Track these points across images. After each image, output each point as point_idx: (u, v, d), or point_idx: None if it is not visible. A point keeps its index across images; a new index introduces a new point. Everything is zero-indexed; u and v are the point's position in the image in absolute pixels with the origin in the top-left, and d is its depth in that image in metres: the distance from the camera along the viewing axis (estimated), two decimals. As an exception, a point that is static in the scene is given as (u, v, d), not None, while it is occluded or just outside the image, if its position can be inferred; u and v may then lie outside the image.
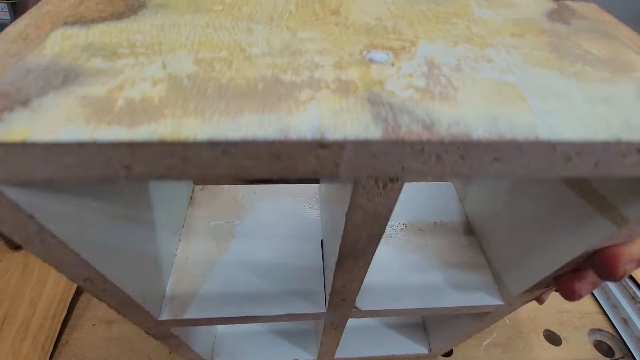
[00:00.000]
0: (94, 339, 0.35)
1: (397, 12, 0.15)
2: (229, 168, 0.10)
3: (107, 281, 0.16)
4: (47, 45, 0.11)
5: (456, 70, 0.12)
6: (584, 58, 0.13)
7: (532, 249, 0.20)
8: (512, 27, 0.15)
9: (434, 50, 0.13)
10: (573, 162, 0.10)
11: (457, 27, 0.14)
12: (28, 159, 0.09)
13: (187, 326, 0.22)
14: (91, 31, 0.12)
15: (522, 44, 0.13)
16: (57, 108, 0.09)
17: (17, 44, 0.11)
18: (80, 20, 0.13)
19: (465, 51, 0.13)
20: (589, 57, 0.13)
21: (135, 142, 0.09)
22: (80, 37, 0.12)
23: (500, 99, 0.11)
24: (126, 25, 0.13)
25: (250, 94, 0.10)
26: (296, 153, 0.09)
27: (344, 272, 0.17)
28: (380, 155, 0.10)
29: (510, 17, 0.15)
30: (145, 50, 0.11)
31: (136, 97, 0.10)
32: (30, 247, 0.13)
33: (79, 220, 0.13)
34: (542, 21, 0.15)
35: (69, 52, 0.11)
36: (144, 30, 0.12)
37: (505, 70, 0.12)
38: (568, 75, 0.12)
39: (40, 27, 0.12)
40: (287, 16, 0.14)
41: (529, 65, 0.12)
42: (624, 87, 0.12)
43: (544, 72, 0.12)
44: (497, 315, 0.25)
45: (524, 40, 0.14)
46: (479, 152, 0.10)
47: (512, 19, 0.15)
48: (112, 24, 0.13)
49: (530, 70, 0.12)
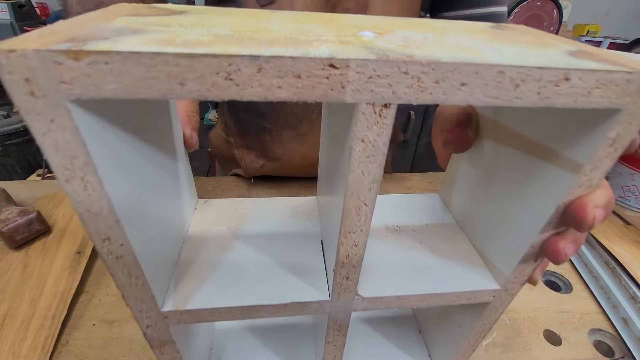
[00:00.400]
0: (94, 339, 0.34)
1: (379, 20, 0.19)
2: (261, 87, 0.12)
3: (125, 244, 0.17)
4: (116, 22, 0.15)
5: (425, 40, 0.16)
6: (518, 40, 0.18)
7: (512, 224, 0.22)
8: (465, 29, 0.19)
9: (408, 33, 0.17)
10: (520, 88, 0.14)
11: (423, 27, 0.19)
12: (104, 73, 0.12)
13: (188, 323, 0.22)
14: (147, 18, 0.16)
15: (472, 34, 0.18)
16: (131, 40, 0.12)
17: (91, 21, 0.15)
18: (137, 15, 0.17)
19: (431, 35, 0.17)
20: (522, 40, 0.18)
21: (194, 54, 0.11)
22: (139, 20, 0.16)
23: (460, 50, 0.14)
24: (174, 18, 0.17)
25: (275, 41, 0.13)
26: (313, 71, 0.12)
27: (348, 232, 0.18)
28: (375, 78, 0.13)
29: (463, 27, 0.20)
30: (191, 26, 0.15)
31: (190, 39, 0.13)
32: (69, 188, 0.14)
33: (119, 159, 0.15)
34: (486, 29, 0.20)
35: (134, 24, 0.15)
36: (187, 20, 0.16)
37: (461, 42, 0.16)
38: (508, 44, 0.16)
39: (107, 17, 0.16)
40: (296, 18, 0.18)
41: (478, 41, 0.17)
42: (548, 50, 0.16)
43: (490, 44, 0.16)
44: (496, 308, 0.25)
45: (473, 33, 0.18)
46: (448, 77, 0.13)
47: (464, 27, 0.20)
48: (163, 17, 0.17)
49: (480, 43, 0.16)
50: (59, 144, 0.13)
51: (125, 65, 0.11)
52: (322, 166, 0.27)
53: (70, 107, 0.12)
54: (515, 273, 0.23)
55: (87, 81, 0.12)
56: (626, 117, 0.15)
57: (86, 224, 0.16)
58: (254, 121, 0.53)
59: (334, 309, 0.23)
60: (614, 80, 0.14)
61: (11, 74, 0.11)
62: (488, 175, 0.25)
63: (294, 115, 0.52)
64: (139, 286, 0.19)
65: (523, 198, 0.21)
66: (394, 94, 0.13)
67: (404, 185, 0.61)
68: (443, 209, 0.31)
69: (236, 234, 0.27)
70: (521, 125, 0.21)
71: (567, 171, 0.18)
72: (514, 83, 0.14)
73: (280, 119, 0.52)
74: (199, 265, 0.24)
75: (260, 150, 0.56)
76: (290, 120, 0.52)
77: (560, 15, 1.31)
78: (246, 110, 0.53)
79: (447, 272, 0.25)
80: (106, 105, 0.14)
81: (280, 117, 0.52)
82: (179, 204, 0.26)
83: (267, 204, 0.31)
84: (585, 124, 0.17)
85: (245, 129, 0.55)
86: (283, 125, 0.53)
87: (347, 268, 0.21)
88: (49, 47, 0.11)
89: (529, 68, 0.13)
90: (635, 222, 0.53)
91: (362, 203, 0.17)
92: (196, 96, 0.12)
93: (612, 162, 0.17)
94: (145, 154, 0.18)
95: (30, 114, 0.12)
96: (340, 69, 0.12)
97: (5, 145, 1.29)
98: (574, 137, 0.17)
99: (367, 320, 0.37)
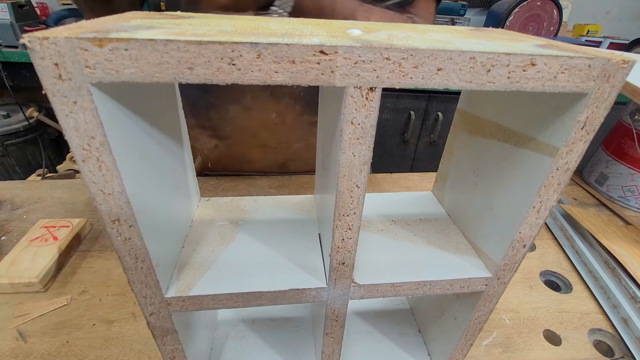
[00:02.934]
0: (94, 339, 0.34)
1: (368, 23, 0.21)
2: (260, 72, 0.14)
3: (133, 225, 0.18)
4: (132, 21, 0.17)
5: (407, 36, 0.18)
6: (494, 37, 0.19)
7: (498, 212, 0.23)
8: (446, 30, 0.21)
9: (393, 32, 0.19)
10: (492, 73, 0.15)
11: (407, 28, 0.21)
12: (123, 59, 0.13)
13: (191, 310, 0.23)
14: (160, 20, 0.18)
15: (452, 33, 0.20)
16: (147, 32, 0.14)
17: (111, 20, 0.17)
18: (151, 17, 0.19)
19: (413, 33, 0.19)
20: (497, 37, 0.20)
21: (202, 42, 0.13)
22: (153, 20, 0.17)
23: (437, 42, 0.16)
24: (183, 20, 0.19)
25: (273, 34, 0.15)
26: (306, 57, 0.14)
27: (342, 215, 0.20)
28: (361, 63, 0.14)
29: (444, 28, 0.22)
30: (199, 25, 0.17)
31: (199, 32, 0.15)
32: (85, 168, 0.16)
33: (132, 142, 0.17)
34: (466, 30, 0.22)
35: (149, 22, 0.17)
36: (195, 21, 0.18)
37: (439, 37, 0.18)
38: (483, 40, 0.18)
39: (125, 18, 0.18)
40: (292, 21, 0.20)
41: (456, 37, 0.18)
42: (519, 43, 0.18)
43: (466, 39, 0.18)
44: (490, 298, 0.26)
45: (453, 32, 0.20)
46: (426, 62, 0.15)
47: (446, 29, 0.22)
48: (174, 19, 0.19)
49: (457, 38, 0.18)
50: (80, 124, 0.14)
51: (142, 51, 0.13)
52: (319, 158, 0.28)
53: (92, 90, 0.14)
54: (505, 260, 0.24)
55: (108, 66, 0.13)
56: (593, 101, 0.17)
57: (99, 204, 0.17)
58: (202, 97, 0.56)
59: (331, 296, 0.24)
60: (577, 65, 0.16)
61: (43, 59, 0.13)
62: (475, 169, 0.26)
63: (236, 89, 0.54)
64: (144, 270, 0.20)
65: (507, 186, 0.23)
66: (378, 78, 0.15)
67: (404, 185, 0.62)
68: (436, 205, 0.32)
69: (237, 227, 0.28)
70: (501, 117, 0.23)
71: (545, 155, 0.19)
72: (485, 68, 0.15)
73: (223, 92, 0.55)
74: (201, 256, 0.25)
75: (212, 130, 0.59)
76: (233, 95, 0.55)
77: (560, 15, 1.33)
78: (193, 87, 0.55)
79: (440, 262, 0.26)
80: (122, 90, 0.16)
81: (224, 90, 0.54)
82: (186, 194, 0.27)
83: (267, 201, 0.32)
84: (557, 110, 0.18)
85: (196, 107, 0.58)
86: (227, 99, 0.56)
87: (342, 253, 0.22)
88: (78, 35, 0.13)
89: (497, 54, 0.15)
90: (635, 222, 0.54)
91: (354, 185, 0.18)
92: (203, 80, 0.14)
93: (585, 145, 0.18)
94: (155, 139, 0.20)
95: (57, 96, 0.14)
96: (329, 54, 0.14)
97: (5, 145, 1.29)
98: (549, 122, 0.19)
99: (368, 321, 0.38)
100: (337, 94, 0.17)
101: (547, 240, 0.52)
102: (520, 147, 0.21)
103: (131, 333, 0.35)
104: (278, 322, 0.37)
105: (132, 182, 0.17)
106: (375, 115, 0.16)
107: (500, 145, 0.23)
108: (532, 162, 0.20)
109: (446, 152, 0.32)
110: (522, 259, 0.24)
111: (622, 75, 0.16)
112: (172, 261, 0.24)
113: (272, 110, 0.58)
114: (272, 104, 0.57)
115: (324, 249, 0.26)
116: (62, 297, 0.38)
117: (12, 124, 1.32)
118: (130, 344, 0.34)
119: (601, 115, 0.17)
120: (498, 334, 0.37)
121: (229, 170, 0.65)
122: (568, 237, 0.51)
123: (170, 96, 0.24)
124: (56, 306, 0.37)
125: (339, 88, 0.16)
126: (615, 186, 0.60)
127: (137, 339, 0.34)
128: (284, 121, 0.59)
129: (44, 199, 0.54)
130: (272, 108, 0.58)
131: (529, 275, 0.45)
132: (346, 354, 0.34)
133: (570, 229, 0.52)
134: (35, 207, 0.52)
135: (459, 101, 0.29)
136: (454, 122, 0.30)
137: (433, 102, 1.27)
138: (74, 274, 0.41)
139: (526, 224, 0.21)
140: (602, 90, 0.17)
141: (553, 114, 0.19)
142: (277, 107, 0.58)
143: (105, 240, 0.47)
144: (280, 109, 0.58)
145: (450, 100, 1.27)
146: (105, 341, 0.34)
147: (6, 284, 0.38)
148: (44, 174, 0.70)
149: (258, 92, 0.55)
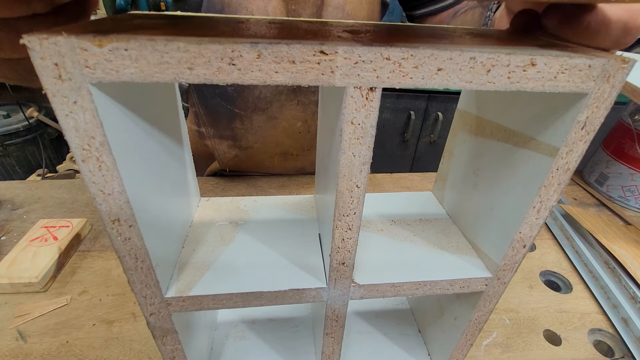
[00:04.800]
0: (94, 339, 0.34)
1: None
2: (260, 72, 0.14)
3: (133, 225, 0.18)
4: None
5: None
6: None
7: (499, 212, 0.23)
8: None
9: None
10: (492, 73, 0.15)
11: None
12: (123, 59, 0.13)
13: (190, 310, 0.23)
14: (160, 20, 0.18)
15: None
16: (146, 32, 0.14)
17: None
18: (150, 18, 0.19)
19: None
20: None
21: (202, 41, 0.13)
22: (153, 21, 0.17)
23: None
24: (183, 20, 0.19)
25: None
26: (306, 57, 0.14)
27: (342, 215, 0.19)
28: (361, 63, 0.14)
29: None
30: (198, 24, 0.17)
31: (198, 32, 0.15)
32: (85, 168, 0.16)
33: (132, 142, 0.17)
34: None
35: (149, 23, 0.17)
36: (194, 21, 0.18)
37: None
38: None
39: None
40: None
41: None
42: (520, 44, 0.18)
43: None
44: (490, 298, 0.26)
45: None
46: (426, 62, 0.15)
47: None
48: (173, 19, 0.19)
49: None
50: (80, 124, 0.14)
51: (142, 51, 0.13)
52: (319, 158, 0.28)
53: (92, 90, 0.14)
54: (505, 260, 0.24)
55: (108, 66, 0.13)
56: (593, 101, 0.17)
57: (99, 204, 0.17)
58: (224, 107, 0.53)
59: (331, 296, 0.24)
60: (577, 65, 0.16)
61: (43, 59, 0.13)
62: (476, 169, 0.26)
63: (263, 98, 0.52)
64: (144, 270, 0.20)
65: (507, 186, 0.23)
66: (378, 78, 0.15)
67: (404, 185, 0.62)
68: (436, 205, 0.32)
69: (237, 227, 0.28)
70: (501, 117, 0.23)
71: (545, 155, 0.19)
72: (486, 68, 0.15)
73: (249, 102, 0.52)
74: (201, 256, 0.25)
75: (233, 140, 0.56)
76: (259, 104, 0.52)
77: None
78: (215, 96, 0.53)
79: (440, 262, 0.26)
80: (122, 90, 0.16)
81: (249, 101, 0.51)
82: (186, 194, 0.27)
83: (267, 201, 0.32)
84: (557, 110, 0.18)
85: (216, 117, 0.54)
86: (253, 109, 0.53)
87: (342, 253, 0.22)
88: (78, 35, 0.13)
89: (498, 54, 0.15)
90: (635, 222, 0.54)
91: (354, 185, 0.18)
92: (203, 80, 0.14)
93: (585, 145, 0.18)
94: (155, 139, 0.20)
95: (57, 96, 0.14)
96: (329, 54, 0.14)
97: (5, 145, 1.29)
98: (549, 122, 0.19)
99: (368, 321, 0.38)
100: (337, 94, 0.17)
101: (547, 240, 0.52)
102: (520, 147, 0.21)
103: (131, 333, 0.35)
104: (278, 322, 0.37)
105: (132, 182, 0.17)
106: (375, 115, 0.16)
107: (501, 145, 0.23)
108: (532, 162, 0.20)
109: (446, 152, 0.32)
110: (522, 259, 0.24)
111: (622, 76, 0.16)
112: (172, 261, 0.24)
113: (298, 119, 0.56)
114: (298, 113, 0.55)
115: (324, 249, 0.26)
116: (62, 297, 0.39)
117: (12, 124, 1.32)
118: (130, 344, 0.34)
119: (601, 115, 0.17)
120: (498, 334, 0.37)
121: (246, 173, 0.63)
122: (568, 237, 0.51)
123: (170, 96, 0.24)
124: (56, 306, 0.37)
125: (339, 88, 0.16)
126: (615, 186, 0.60)
127: (137, 339, 0.34)
128: (309, 129, 0.57)
129: (44, 199, 0.54)
130: (299, 117, 0.55)
131: (529, 275, 0.45)
132: (346, 354, 0.34)
133: (570, 229, 0.52)
134: (35, 207, 0.52)
135: (459, 101, 0.29)
136: (454, 122, 0.30)
137: (433, 102, 1.27)
138: (74, 274, 0.41)
139: (526, 224, 0.21)
140: (602, 90, 0.17)
141: (553, 114, 0.19)
142: (303, 116, 0.55)
143: (105, 240, 0.47)
144: (307, 117, 0.56)
145: (450, 100, 1.27)
146: (105, 341, 0.34)
147: (6, 284, 0.38)
148: (44, 174, 0.70)
149: (285, 100, 0.53)
